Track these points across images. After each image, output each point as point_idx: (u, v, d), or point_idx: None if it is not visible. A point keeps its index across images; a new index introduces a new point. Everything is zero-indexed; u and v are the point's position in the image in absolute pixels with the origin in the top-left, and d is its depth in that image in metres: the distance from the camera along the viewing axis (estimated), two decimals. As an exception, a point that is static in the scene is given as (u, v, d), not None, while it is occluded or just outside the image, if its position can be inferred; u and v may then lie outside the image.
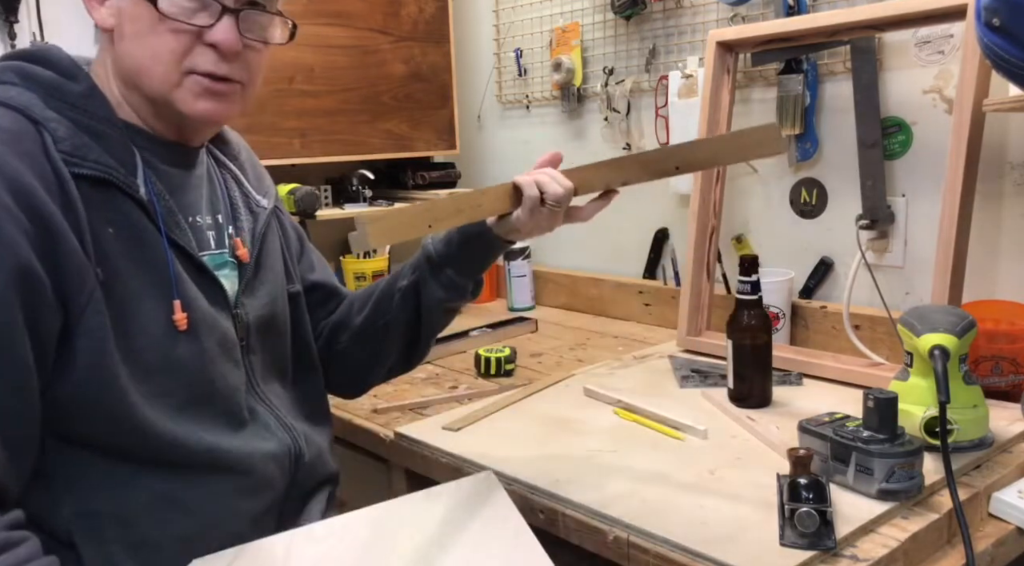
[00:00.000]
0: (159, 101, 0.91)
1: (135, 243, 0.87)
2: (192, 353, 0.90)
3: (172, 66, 0.89)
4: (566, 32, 2.05)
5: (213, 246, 0.98)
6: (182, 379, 0.90)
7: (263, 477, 0.97)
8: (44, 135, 0.83)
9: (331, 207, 2.06)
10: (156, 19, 0.87)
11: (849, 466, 0.99)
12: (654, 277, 1.98)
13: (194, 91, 0.90)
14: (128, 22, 0.88)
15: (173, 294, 0.88)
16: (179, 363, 0.89)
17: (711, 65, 1.61)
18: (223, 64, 0.90)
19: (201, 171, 1.00)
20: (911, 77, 1.51)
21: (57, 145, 0.83)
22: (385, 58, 2.05)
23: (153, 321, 0.87)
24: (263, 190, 1.09)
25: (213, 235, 0.99)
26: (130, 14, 0.88)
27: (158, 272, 0.88)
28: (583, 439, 1.22)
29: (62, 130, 0.84)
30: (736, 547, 0.89)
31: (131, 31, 0.88)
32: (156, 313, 0.88)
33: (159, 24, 0.87)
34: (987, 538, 0.98)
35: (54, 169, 0.82)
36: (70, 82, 0.88)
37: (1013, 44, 1.00)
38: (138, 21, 0.87)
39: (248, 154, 1.13)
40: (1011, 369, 1.28)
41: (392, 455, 1.29)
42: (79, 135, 0.85)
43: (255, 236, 1.04)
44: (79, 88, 0.88)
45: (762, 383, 1.31)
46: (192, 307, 0.90)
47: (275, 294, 1.06)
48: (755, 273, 1.30)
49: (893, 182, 1.55)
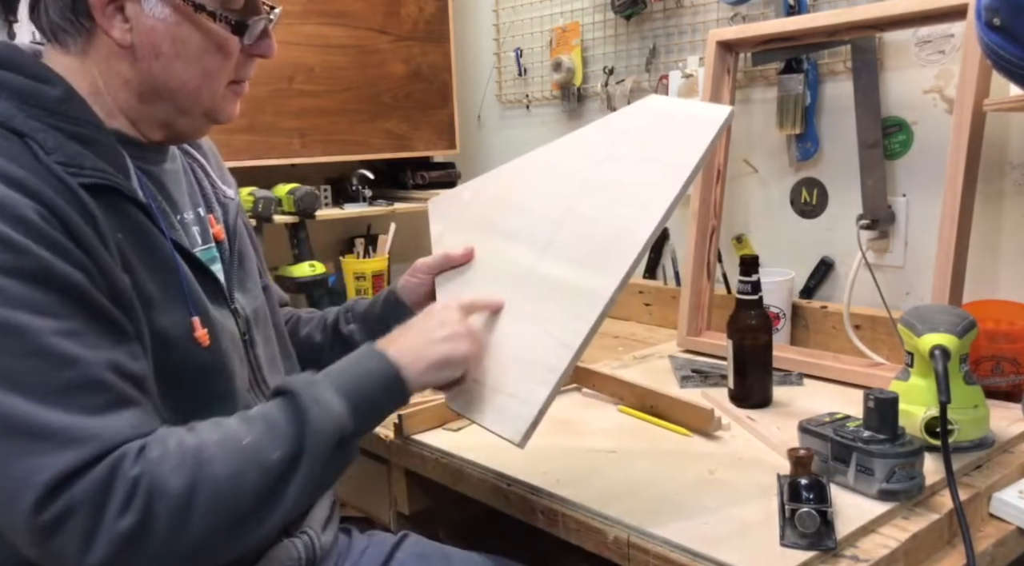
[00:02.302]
0: (195, 113, 0.91)
1: (144, 248, 0.86)
2: (212, 357, 0.90)
3: (223, 81, 0.91)
4: (566, 32, 2.05)
5: (200, 242, 0.97)
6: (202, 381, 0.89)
7: None
8: (32, 146, 0.79)
9: (331, 207, 2.06)
10: (207, 41, 0.87)
11: (850, 466, 0.99)
12: (654, 277, 1.98)
13: (233, 99, 0.93)
14: (167, 42, 0.86)
15: (191, 311, 0.87)
16: (202, 371, 0.89)
17: (711, 65, 1.60)
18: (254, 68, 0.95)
19: (177, 165, 0.99)
20: (911, 77, 1.51)
21: (49, 156, 0.79)
22: (385, 58, 2.05)
23: (171, 326, 0.86)
24: (226, 180, 1.09)
25: (198, 230, 0.98)
26: (170, 35, 0.86)
27: (169, 276, 0.87)
28: (583, 439, 1.22)
29: (51, 140, 0.81)
30: (736, 547, 0.89)
31: (172, 51, 0.86)
32: (176, 321, 0.86)
33: (210, 45, 0.87)
34: (987, 538, 0.98)
35: (60, 180, 0.79)
36: (44, 86, 0.83)
37: (1013, 44, 1.00)
38: (184, 43, 0.86)
39: (207, 141, 1.11)
40: (1012, 369, 1.28)
41: (392, 455, 1.29)
42: (69, 143, 0.82)
43: (229, 228, 1.03)
44: (55, 92, 0.84)
45: (762, 383, 1.31)
46: (205, 315, 0.89)
47: (257, 286, 1.05)
48: (755, 273, 1.30)
49: (893, 182, 1.55)
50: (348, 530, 1.13)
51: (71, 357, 0.74)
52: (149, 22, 0.85)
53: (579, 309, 0.96)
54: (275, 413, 0.82)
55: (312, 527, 1.02)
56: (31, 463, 0.71)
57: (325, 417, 0.82)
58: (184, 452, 0.76)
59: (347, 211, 2.03)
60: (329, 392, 0.84)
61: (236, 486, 0.77)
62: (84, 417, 0.74)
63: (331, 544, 1.05)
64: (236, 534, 0.78)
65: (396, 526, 1.35)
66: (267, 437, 0.80)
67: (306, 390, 0.83)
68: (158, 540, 0.73)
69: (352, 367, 0.89)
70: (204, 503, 0.75)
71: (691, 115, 1.00)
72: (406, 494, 1.31)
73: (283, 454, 0.79)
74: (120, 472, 0.73)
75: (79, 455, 0.72)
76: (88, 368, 0.75)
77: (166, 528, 0.73)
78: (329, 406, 0.83)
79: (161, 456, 0.75)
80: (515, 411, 0.97)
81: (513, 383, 0.99)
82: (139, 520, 0.73)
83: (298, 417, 0.81)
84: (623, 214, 0.98)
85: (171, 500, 0.74)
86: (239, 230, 1.05)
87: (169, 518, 0.74)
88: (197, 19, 0.86)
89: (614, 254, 0.96)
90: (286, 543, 0.98)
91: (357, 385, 0.87)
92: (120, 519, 0.72)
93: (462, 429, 1.26)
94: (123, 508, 0.73)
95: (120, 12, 0.84)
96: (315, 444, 0.80)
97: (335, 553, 1.06)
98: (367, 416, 0.87)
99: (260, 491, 0.78)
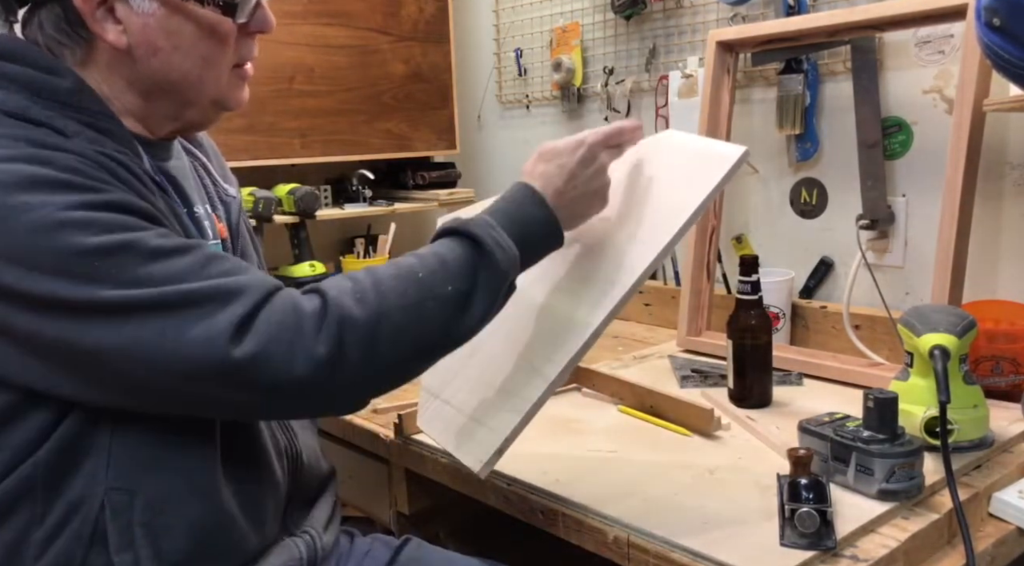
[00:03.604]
0: (201, 103, 0.91)
1: (171, 225, 0.86)
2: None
3: (225, 67, 0.90)
4: (566, 32, 2.05)
5: (211, 236, 0.98)
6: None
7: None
8: (55, 129, 0.80)
9: (331, 207, 2.06)
10: (200, 28, 0.86)
11: (849, 466, 0.99)
12: (654, 277, 1.98)
13: (239, 83, 0.93)
14: (162, 37, 0.85)
15: None
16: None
17: (711, 65, 1.60)
18: (255, 47, 0.94)
19: (183, 162, 0.99)
20: (911, 77, 1.51)
21: (71, 139, 0.81)
22: (385, 58, 2.05)
23: None
24: (228, 178, 1.09)
25: (208, 225, 0.98)
26: (163, 29, 0.85)
27: None
28: (583, 439, 1.22)
29: (71, 126, 0.82)
30: (736, 547, 0.89)
31: (169, 45, 0.86)
32: None
33: (204, 31, 0.87)
34: (987, 538, 0.98)
35: (91, 152, 0.81)
36: (54, 78, 0.83)
37: (1013, 44, 1.00)
38: (179, 34, 0.86)
39: (207, 140, 1.11)
40: (1011, 369, 1.28)
41: (392, 455, 1.29)
42: (86, 131, 0.83)
43: (232, 226, 1.03)
44: (66, 84, 0.84)
45: (762, 383, 1.31)
46: None
47: None
48: (755, 273, 1.30)
49: (893, 182, 1.55)
50: (350, 533, 1.13)
51: (183, 246, 0.79)
52: (140, 19, 0.84)
53: (562, 339, 0.96)
54: (451, 251, 0.87)
55: (314, 527, 1.02)
56: (207, 323, 0.75)
57: (500, 260, 0.87)
58: (364, 289, 0.81)
59: (347, 211, 2.03)
60: (505, 237, 0.88)
61: (415, 317, 0.82)
62: (230, 277, 0.79)
63: (332, 545, 1.05)
64: (419, 359, 0.86)
65: (396, 526, 1.35)
66: (441, 274, 0.84)
67: (488, 233, 0.87)
68: (353, 364, 0.79)
69: (517, 210, 0.92)
70: (389, 332, 0.80)
71: (705, 152, 0.99)
72: (406, 494, 1.31)
73: (455, 289, 0.84)
74: (301, 302, 0.79)
75: (248, 300, 0.77)
76: (202, 250, 0.80)
77: (358, 354, 0.79)
78: (506, 249, 0.88)
79: (341, 293, 0.80)
80: (480, 439, 0.97)
81: (485, 409, 1.00)
82: (333, 346, 0.77)
83: (476, 255, 0.86)
84: (623, 248, 0.98)
85: (360, 329, 0.79)
86: (241, 229, 1.05)
87: (360, 345, 0.79)
88: (185, 7, 0.85)
89: (607, 287, 0.96)
90: (288, 542, 0.98)
91: (524, 231, 0.91)
92: (316, 341, 0.77)
93: (462, 429, 1.27)
94: (316, 331, 0.77)
95: (111, 14, 0.84)
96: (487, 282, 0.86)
97: (336, 555, 1.06)
98: (530, 261, 0.93)
99: (439, 321, 0.84)
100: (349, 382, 0.80)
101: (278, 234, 1.96)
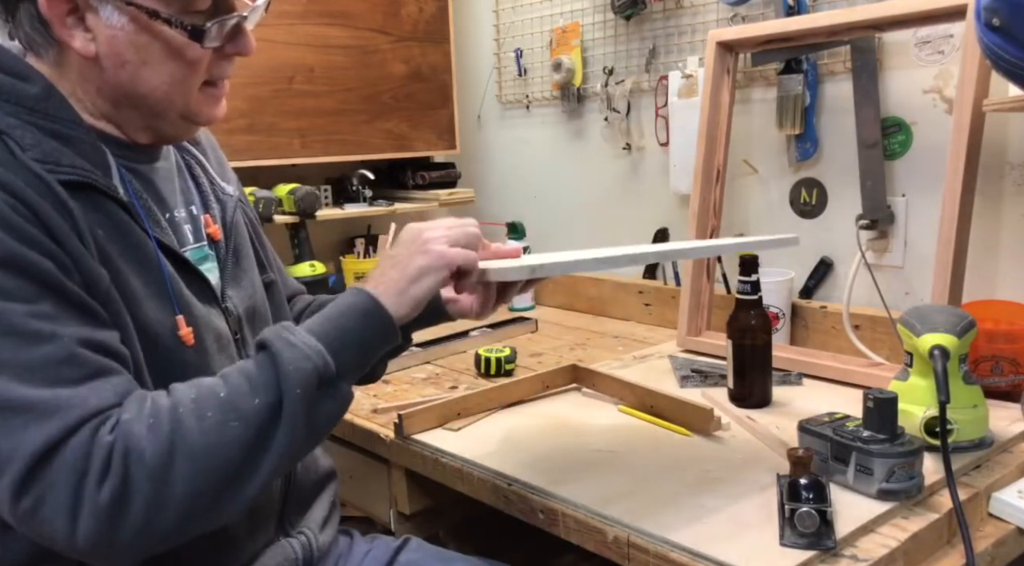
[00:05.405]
0: (170, 117, 0.89)
1: (126, 244, 0.85)
2: (196, 357, 0.89)
3: (193, 85, 0.88)
4: (566, 32, 2.05)
5: (192, 240, 0.96)
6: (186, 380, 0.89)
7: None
8: (8, 143, 0.79)
9: (331, 207, 2.06)
10: (167, 48, 0.84)
11: (849, 466, 0.99)
12: (654, 277, 1.98)
13: (210, 101, 0.91)
14: (130, 51, 0.84)
15: (175, 309, 0.87)
16: (185, 368, 0.87)
17: (711, 65, 1.61)
18: (232, 67, 0.91)
19: (169, 162, 0.98)
20: (911, 77, 1.51)
21: (25, 153, 0.79)
22: (385, 58, 2.05)
23: (155, 323, 0.85)
24: (226, 177, 1.07)
25: (190, 228, 0.96)
26: (131, 43, 0.84)
27: (152, 273, 0.86)
28: (583, 439, 1.22)
29: (28, 137, 0.80)
30: (736, 547, 0.89)
31: (137, 59, 0.85)
32: (160, 318, 0.86)
33: (171, 52, 0.85)
34: (987, 538, 0.98)
35: (35, 175, 0.78)
36: (22, 83, 0.82)
37: (1013, 44, 1.00)
38: (146, 50, 0.84)
39: (207, 137, 1.09)
40: (1011, 369, 1.28)
41: (392, 455, 1.29)
42: (46, 140, 0.81)
43: (226, 225, 1.01)
44: (34, 90, 0.82)
45: (762, 383, 1.31)
46: (190, 313, 0.88)
47: (255, 283, 1.04)
48: (755, 273, 1.30)
49: (893, 182, 1.55)
50: (349, 532, 1.13)
51: (46, 334, 0.74)
52: (109, 31, 0.83)
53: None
54: (250, 365, 0.81)
55: (309, 527, 1.02)
56: (15, 439, 0.71)
57: (300, 357, 0.80)
58: (159, 411, 0.75)
59: (347, 211, 2.03)
60: (301, 333, 0.82)
61: (217, 442, 0.75)
62: (65, 388, 0.73)
63: (329, 545, 1.05)
64: (224, 493, 0.76)
65: (396, 526, 1.35)
66: (245, 388, 0.78)
67: (278, 336, 0.82)
68: (140, 506, 0.71)
69: (329, 308, 0.87)
70: (184, 462, 0.73)
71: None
72: (406, 494, 1.31)
73: (262, 402, 0.77)
74: (97, 439, 0.72)
75: (61, 424, 0.71)
76: (64, 343, 0.74)
77: (147, 492, 0.72)
78: (302, 346, 0.81)
79: (134, 418, 0.74)
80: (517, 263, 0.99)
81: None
82: (118, 486, 0.71)
83: (271, 361, 0.80)
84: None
85: (148, 461, 0.72)
86: (238, 227, 1.04)
87: (149, 481, 0.72)
88: (154, 27, 0.83)
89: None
90: (283, 543, 0.98)
91: (332, 321, 0.85)
92: (100, 489, 0.71)
93: (462, 429, 1.27)
94: (102, 477, 0.71)
95: (81, 23, 0.83)
96: (293, 386, 0.78)
97: (334, 554, 1.07)
98: (350, 349, 0.84)
99: (244, 443, 0.76)
100: (139, 523, 0.72)
101: (278, 234, 1.96)
